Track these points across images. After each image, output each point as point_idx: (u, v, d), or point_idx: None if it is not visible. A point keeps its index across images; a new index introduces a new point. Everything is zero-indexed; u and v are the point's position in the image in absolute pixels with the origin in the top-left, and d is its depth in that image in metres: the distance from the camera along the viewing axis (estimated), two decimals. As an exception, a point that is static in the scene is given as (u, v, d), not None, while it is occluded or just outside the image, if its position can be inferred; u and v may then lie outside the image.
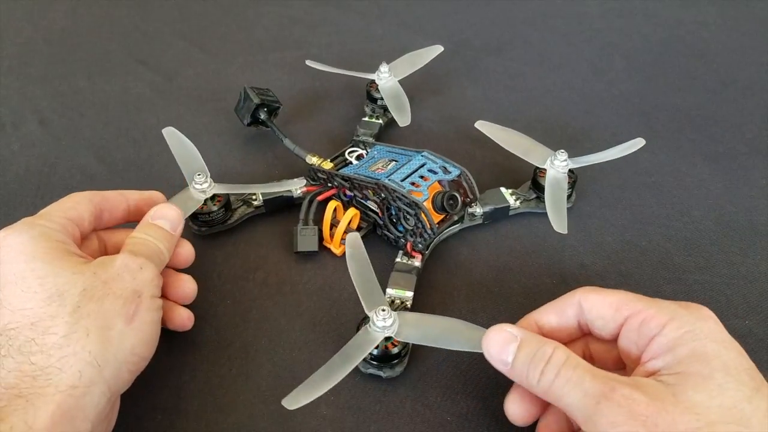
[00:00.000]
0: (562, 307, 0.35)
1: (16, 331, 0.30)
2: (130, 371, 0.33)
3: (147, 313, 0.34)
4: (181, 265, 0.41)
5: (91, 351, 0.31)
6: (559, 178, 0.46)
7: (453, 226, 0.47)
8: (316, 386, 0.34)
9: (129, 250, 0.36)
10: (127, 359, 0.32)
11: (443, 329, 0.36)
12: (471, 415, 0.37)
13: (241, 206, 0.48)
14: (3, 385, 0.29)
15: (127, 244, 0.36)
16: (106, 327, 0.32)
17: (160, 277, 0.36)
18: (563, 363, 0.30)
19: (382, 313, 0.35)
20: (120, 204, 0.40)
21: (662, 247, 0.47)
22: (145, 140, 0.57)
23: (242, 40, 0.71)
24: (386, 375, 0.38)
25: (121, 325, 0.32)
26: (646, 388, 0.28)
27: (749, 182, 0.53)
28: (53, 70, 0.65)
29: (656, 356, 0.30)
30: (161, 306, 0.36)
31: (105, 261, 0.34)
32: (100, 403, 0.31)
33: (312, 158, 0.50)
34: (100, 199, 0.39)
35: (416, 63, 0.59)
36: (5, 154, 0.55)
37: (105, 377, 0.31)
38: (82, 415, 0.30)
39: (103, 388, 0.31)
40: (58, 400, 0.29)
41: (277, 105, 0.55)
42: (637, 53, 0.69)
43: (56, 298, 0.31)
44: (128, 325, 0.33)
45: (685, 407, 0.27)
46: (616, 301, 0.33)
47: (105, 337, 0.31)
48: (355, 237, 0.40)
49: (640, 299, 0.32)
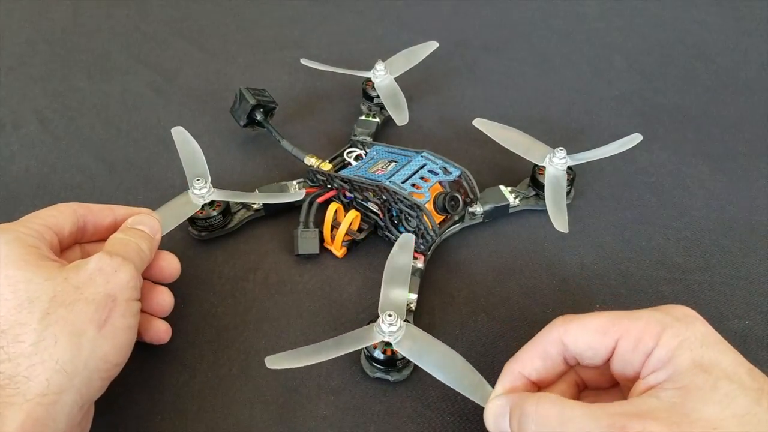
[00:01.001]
0: (543, 349, 0.32)
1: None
2: (102, 378, 0.32)
3: (121, 319, 0.33)
4: (165, 279, 0.40)
5: (59, 359, 0.30)
6: (559, 176, 0.46)
7: (453, 225, 0.47)
8: (301, 357, 0.35)
9: (105, 250, 0.35)
10: (99, 366, 0.32)
11: (442, 359, 0.35)
12: (471, 415, 0.37)
13: (240, 210, 0.48)
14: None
15: (105, 245, 0.36)
16: (76, 333, 0.31)
17: (139, 278, 0.35)
18: (558, 413, 0.28)
19: (389, 318, 0.35)
20: (106, 217, 0.39)
21: (662, 247, 0.47)
22: (145, 140, 0.57)
23: (242, 40, 0.71)
24: (394, 379, 0.38)
25: (92, 331, 0.31)
26: (657, 413, 0.27)
27: (749, 182, 0.53)
28: (53, 70, 0.65)
29: (656, 369, 0.29)
30: (139, 310, 0.35)
31: (79, 264, 0.33)
32: (72, 411, 0.30)
33: (311, 159, 0.50)
34: (86, 211, 0.38)
35: (412, 60, 0.58)
36: (5, 154, 0.55)
37: (75, 385, 0.30)
38: (53, 424, 0.29)
39: (74, 396, 0.30)
40: (27, 409, 0.29)
41: (274, 105, 0.55)
42: (637, 53, 0.69)
43: (26, 305, 0.31)
44: (100, 331, 0.32)
45: (702, 426, 0.26)
46: (601, 325, 0.31)
47: (75, 344, 0.31)
48: (409, 238, 0.40)
49: (622, 316, 0.31)
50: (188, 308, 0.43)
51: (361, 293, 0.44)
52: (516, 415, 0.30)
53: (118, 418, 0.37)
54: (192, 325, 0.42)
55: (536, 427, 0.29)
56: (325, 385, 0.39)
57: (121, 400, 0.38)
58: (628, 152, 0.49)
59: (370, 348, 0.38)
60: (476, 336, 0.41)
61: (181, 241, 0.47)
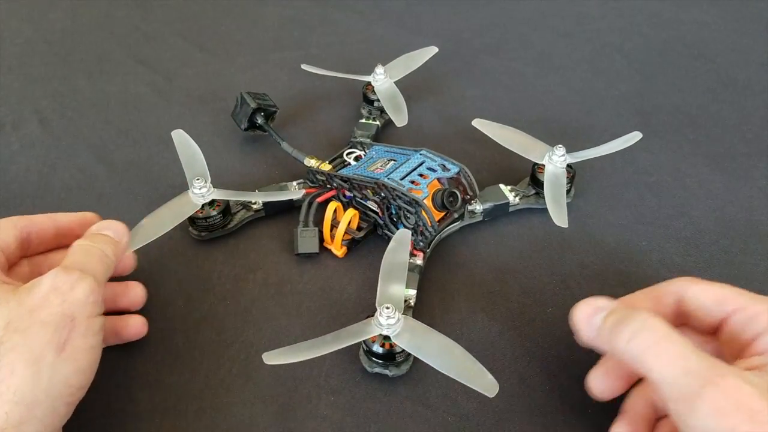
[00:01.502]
0: (658, 296, 0.34)
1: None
2: (66, 404, 0.31)
3: (82, 339, 0.31)
4: (125, 271, 0.40)
5: (16, 390, 0.28)
6: (558, 174, 0.47)
7: (453, 223, 0.47)
8: (298, 352, 0.35)
9: (63, 264, 0.33)
10: (62, 392, 0.30)
11: (441, 350, 0.35)
12: (471, 415, 0.37)
13: (240, 210, 0.48)
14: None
15: (66, 255, 0.34)
16: (33, 361, 0.29)
17: (99, 291, 0.33)
18: (662, 334, 0.29)
19: (386, 311, 0.35)
20: (48, 227, 0.38)
21: (662, 247, 0.47)
22: (145, 140, 0.57)
23: (242, 40, 0.71)
24: (392, 374, 0.38)
25: (51, 356, 0.30)
26: (757, 382, 0.27)
27: (749, 182, 0.53)
28: (53, 70, 0.65)
29: (763, 352, 0.30)
30: (102, 327, 0.33)
31: (32, 285, 0.32)
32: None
33: (310, 160, 0.50)
34: (27, 222, 0.37)
35: (411, 65, 0.59)
36: (5, 154, 0.55)
37: (37, 416, 0.29)
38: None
39: (36, 426, 0.29)
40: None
41: (274, 109, 0.55)
42: (637, 53, 0.69)
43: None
44: (59, 354, 0.30)
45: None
46: (720, 294, 0.32)
47: (33, 372, 0.29)
48: (405, 233, 0.41)
49: (743, 294, 0.32)
50: (188, 308, 0.43)
51: (361, 293, 0.44)
52: (615, 318, 0.31)
53: (118, 418, 0.37)
54: (192, 325, 0.42)
55: (631, 336, 0.29)
56: (325, 385, 0.39)
57: (120, 401, 0.38)
58: (628, 152, 0.49)
59: (368, 342, 0.38)
60: (476, 335, 0.41)
61: (181, 241, 0.47)
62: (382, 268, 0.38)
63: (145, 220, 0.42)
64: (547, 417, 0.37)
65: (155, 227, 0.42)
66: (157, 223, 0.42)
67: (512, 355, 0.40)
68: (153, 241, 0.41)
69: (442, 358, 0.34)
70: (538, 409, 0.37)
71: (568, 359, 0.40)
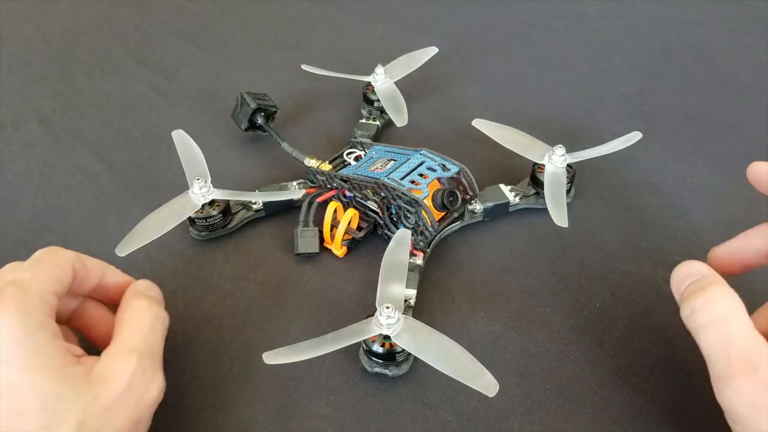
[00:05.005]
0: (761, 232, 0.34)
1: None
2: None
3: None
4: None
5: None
6: (558, 173, 0.47)
7: (453, 223, 0.47)
8: (298, 352, 0.35)
9: (140, 351, 0.31)
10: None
11: (441, 350, 0.35)
12: (471, 415, 0.37)
13: (240, 210, 0.48)
14: None
15: (128, 325, 0.32)
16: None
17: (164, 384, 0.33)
18: (722, 314, 0.30)
19: (386, 310, 0.35)
20: (95, 278, 0.35)
21: (662, 248, 0.47)
22: (145, 140, 0.57)
23: (242, 40, 0.71)
24: (392, 373, 0.38)
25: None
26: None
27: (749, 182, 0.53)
28: (53, 70, 0.65)
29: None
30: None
31: (106, 374, 0.30)
32: None
33: (311, 160, 0.50)
34: (80, 266, 0.34)
35: (411, 65, 0.59)
36: (5, 154, 0.55)
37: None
38: None
39: None
40: None
41: (275, 109, 0.55)
42: (637, 53, 0.69)
43: (54, 427, 0.27)
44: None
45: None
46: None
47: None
48: (405, 233, 0.40)
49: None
50: (188, 308, 0.43)
51: (361, 293, 0.44)
52: (690, 289, 0.32)
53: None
54: (192, 325, 0.42)
55: (692, 311, 0.31)
56: (326, 384, 0.39)
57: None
58: (628, 152, 0.49)
59: (368, 342, 0.38)
60: (476, 336, 0.41)
61: (181, 241, 0.47)
62: (382, 268, 0.38)
63: (145, 220, 0.42)
64: (547, 416, 0.37)
65: (155, 227, 0.42)
66: (157, 223, 0.42)
67: (512, 354, 0.40)
68: (153, 241, 0.41)
69: (442, 358, 0.34)
70: (538, 408, 0.37)
71: (568, 359, 0.40)
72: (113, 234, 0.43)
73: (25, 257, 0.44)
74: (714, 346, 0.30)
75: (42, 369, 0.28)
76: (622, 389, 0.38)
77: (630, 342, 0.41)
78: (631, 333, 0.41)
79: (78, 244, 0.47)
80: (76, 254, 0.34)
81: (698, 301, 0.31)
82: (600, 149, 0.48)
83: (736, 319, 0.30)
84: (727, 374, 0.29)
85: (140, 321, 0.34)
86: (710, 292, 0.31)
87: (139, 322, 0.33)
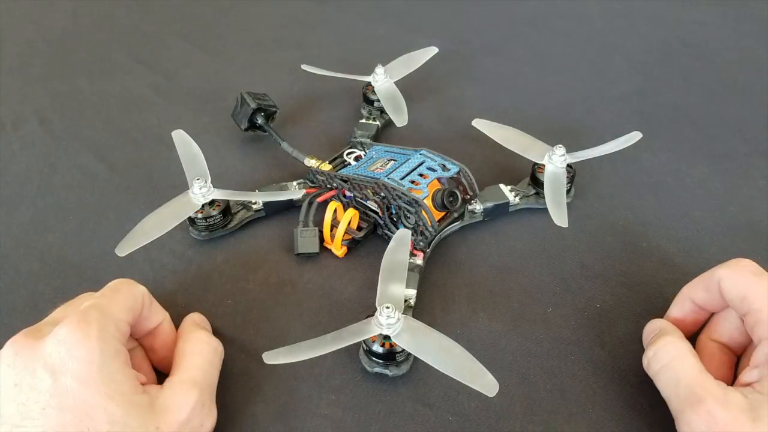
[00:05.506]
0: (708, 284, 0.36)
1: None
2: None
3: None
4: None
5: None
6: (558, 173, 0.47)
7: (453, 223, 0.47)
8: (298, 352, 0.35)
9: (200, 387, 0.33)
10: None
11: (441, 350, 0.35)
12: (472, 415, 0.37)
13: (240, 210, 0.48)
14: None
15: (192, 372, 0.34)
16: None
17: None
18: (671, 359, 0.34)
19: (386, 310, 0.35)
20: (153, 322, 0.37)
21: (662, 248, 0.47)
22: (145, 140, 0.57)
23: (242, 40, 0.71)
24: (392, 373, 0.38)
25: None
26: (731, 407, 0.30)
27: (749, 182, 0.53)
28: (53, 70, 0.65)
29: (759, 365, 0.32)
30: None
31: (169, 406, 0.31)
32: None
33: (311, 160, 0.50)
34: (148, 304, 0.36)
35: (411, 65, 0.59)
36: (5, 154, 0.55)
37: None
38: None
39: None
40: None
41: (275, 109, 0.55)
42: (637, 53, 0.69)
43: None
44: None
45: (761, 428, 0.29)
46: (744, 291, 0.34)
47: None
48: (405, 233, 0.41)
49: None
50: (188, 308, 0.43)
51: (361, 293, 0.44)
52: (653, 340, 0.36)
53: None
54: (192, 324, 0.42)
55: (652, 356, 0.35)
56: (326, 384, 0.39)
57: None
58: (628, 152, 0.49)
59: (368, 342, 0.38)
60: (476, 336, 0.41)
61: (181, 241, 0.47)
62: (382, 268, 0.38)
63: (145, 220, 0.42)
64: (548, 417, 0.37)
65: (155, 227, 0.42)
66: (157, 223, 0.42)
67: (512, 354, 0.40)
68: (153, 241, 0.41)
69: (442, 358, 0.34)
70: (538, 409, 0.37)
71: (568, 359, 0.40)
72: (113, 234, 0.43)
73: (25, 257, 0.44)
74: (667, 387, 0.33)
75: (114, 395, 0.29)
76: (622, 390, 0.38)
77: (631, 342, 0.41)
78: (631, 334, 0.41)
79: (78, 244, 0.47)
80: (147, 293, 0.36)
81: (651, 351, 0.35)
82: (600, 149, 0.48)
83: (683, 362, 0.33)
84: (679, 410, 0.32)
85: (201, 354, 0.35)
86: (661, 341, 0.35)
87: (200, 355, 0.35)
